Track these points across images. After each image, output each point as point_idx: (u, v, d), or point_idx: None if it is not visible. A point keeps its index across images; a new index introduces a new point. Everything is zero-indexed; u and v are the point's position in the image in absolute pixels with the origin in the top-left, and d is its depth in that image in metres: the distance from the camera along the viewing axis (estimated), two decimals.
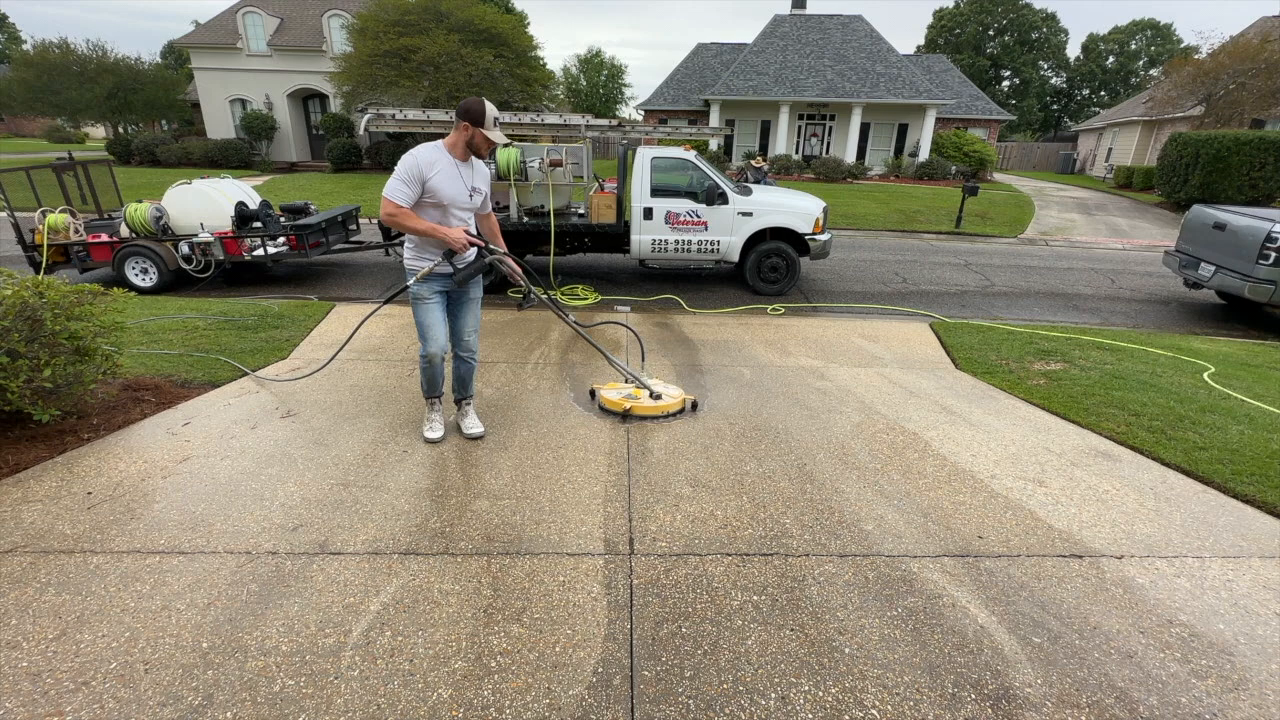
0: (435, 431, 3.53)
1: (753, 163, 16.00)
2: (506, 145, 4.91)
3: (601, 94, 53.33)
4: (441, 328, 3.36)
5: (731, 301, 7.54)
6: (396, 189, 3.07)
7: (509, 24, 21.51)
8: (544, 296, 3.79)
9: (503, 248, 3.52)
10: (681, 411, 3.97)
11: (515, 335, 5.58)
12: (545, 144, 8.23)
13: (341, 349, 4.41)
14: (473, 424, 3.64)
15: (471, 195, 3.28)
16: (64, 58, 24.08)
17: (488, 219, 3.57)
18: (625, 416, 3.83)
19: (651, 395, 3.96)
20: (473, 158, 3.29)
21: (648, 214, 7.60)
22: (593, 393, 4.16)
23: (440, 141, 3.18)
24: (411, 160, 3.08)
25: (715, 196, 7.54)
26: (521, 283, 3.55)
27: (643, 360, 4.57)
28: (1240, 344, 6.48)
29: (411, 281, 3.25)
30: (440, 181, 3.12)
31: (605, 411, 3.93)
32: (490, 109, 3.09)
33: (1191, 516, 2.98)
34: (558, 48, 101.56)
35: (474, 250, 3.30)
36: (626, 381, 4.19)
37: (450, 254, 3.20)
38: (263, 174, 21.32)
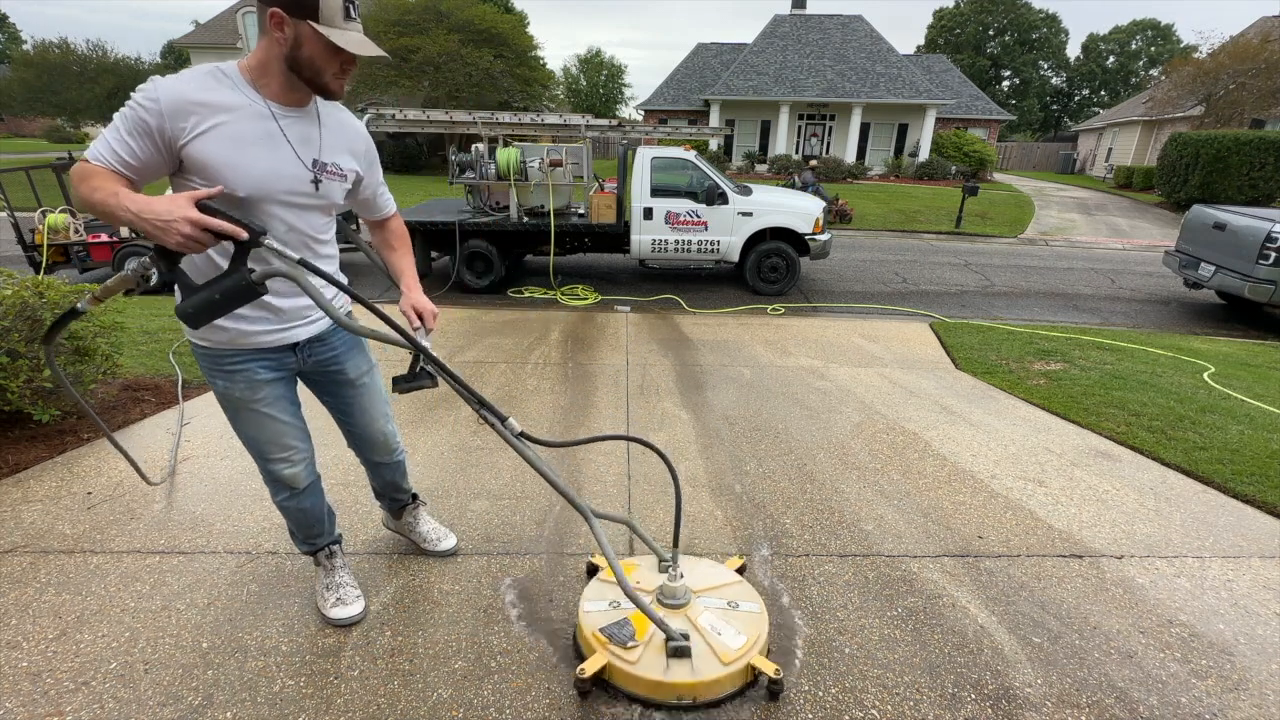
0: (348, 605, 2.11)
1: (808, 166, 15.85)
2: (378, 56, 1.59)
3: (601, 94, 53.36)
4: (293, 433, 1.90)
5: (731, 301, 7.54)
6: (101, 143, 1.55)
7: (509, 24, 21.53)
8: (443, 365, 1.77)
9: (412, 295, 2.01)
10: (742, 693, 1.84)
11: (515, 335, 5.58)
12: (545, 144, 8.24)
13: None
14: (438, 532, 2.50)
15: (317, 181, 1.68)
16: (64, 58, 24.14)
17: (383, 229, 2.12)
18: (577, 684, 1.81)
19: (671, 642, 1.82)
20: (317, 101, 1.68)
21: (648, 214, 7.61)
22: (591, 570, 2.34)
23: (231, 62, 1.59)
24: (146, 90, 1.49)
25: (715, 196, 7.55)
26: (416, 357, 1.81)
27: (676, 527, 2.11)
28: (1240, 344, 6.48)
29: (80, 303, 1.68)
30: (218, 148, 1.53)
31: (578, 652, 1.98)
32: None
33: (1191, 516, 2.98)
34: (558, 48, 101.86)
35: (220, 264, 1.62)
36: (660, 567, 2.10)
37: (167, 255, 1.56)
38: None
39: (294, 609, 2.19)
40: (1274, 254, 6.67)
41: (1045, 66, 53.23)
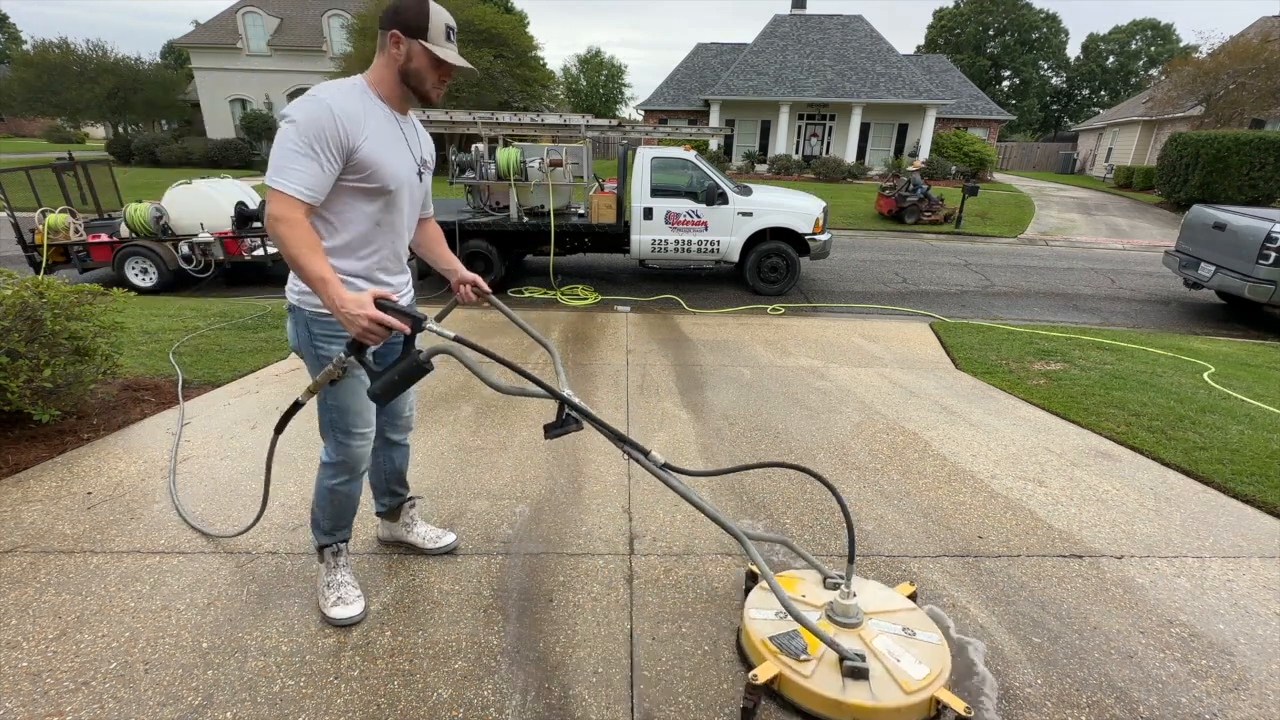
0: (349, 605, 2.13)
1: (911, 167, 15.73)
2: (466, 67, 1.88)
3: (601, 94, 53.37)
4: (373, 409, 2.07)
5: (731, 301, 7.54)
6: (287, 166, 1.66)
7: (509, 24, 21.53)
8: (585, 411, 1.89)
9: (461, 272, 2.19)
10: None
11: (515, 335, 5.58)
12: (545, 144, 8.24)
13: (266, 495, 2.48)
14: (435, 531, 2.53)
15: (420, 174, 1.98)
16: (64, 58, 24.13)
17: (427, 226, 2.23)
18: (746, 698, 1.74)
19: (844, 661, 1.74)
20: (411, 111, 1.97)
21: (648, 214, 7.61)
22: (750, 577, 2.27)
23: (358, 77, 1.83)
24: (317, 105, 1.67)
25: (715, 196, 7.55)
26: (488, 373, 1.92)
27: (850, 545, 1.93)
28: (1240, 344, 6.48)
29: (303, 394, 1.92)
30: (379, 148, 1.77)
31: (740, 656, 1.99)
32: (436, 9, 1.77)
33: (1191, 516, 2.98)
34: (558, 48, 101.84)
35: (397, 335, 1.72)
36: (826, 584, 2.09)
37: (357, 346, 1.73)
38: (263, 174, 21.31)
39: (294, 609, 2.19)
40: (1274, 254, 6.67)
41: (1045, 66, 53.24)
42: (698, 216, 7.61)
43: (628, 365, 4.91)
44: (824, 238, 7.83)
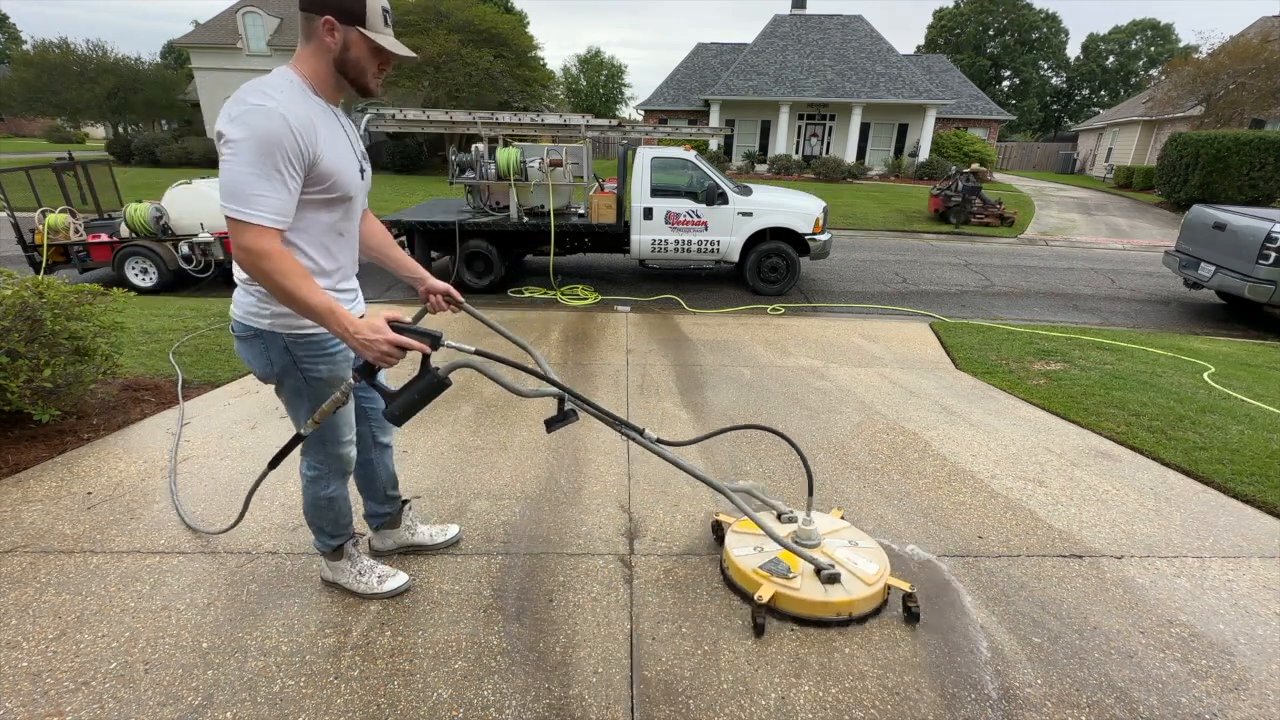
0: (395, 578, 2.27)
1: (969, 168, 15.56)
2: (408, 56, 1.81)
3: (601, 94, 53.37)
4: (354, 415, 2.06)
5: (731, 301, 7.54)
6: (253, 192, 1.49)
7: (509, 24, 21.54)
8: (591, 409, 2.21)
9: (429, 281, 2.10)
10: (878, 612, 2.21)
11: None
12: (545, 144, 8.24)
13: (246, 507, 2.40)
14: (438, 528, 2.57)
15: (363, 171, 1.84)
16: (64, 58, 24.13)
17: (372, 226, 2.08)
18: (755, 616, 2.12)
19: (819, 571, 2.17)
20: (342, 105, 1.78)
21: (648, 214, 7.61)
22: (717, 527, 2.64)
23: (288, 71, 1.64)
24: (269, 116, 1.49)
25: (715, 196, 7.55)
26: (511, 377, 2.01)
27: (810, 491, 2.33)
28: (1240, 344, 6.48)
29: (305, 426, 1.84)
30: (332, 153, 1.65)
31: (729, 586, 2.34)
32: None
33: (1191, 516, 2.98)
34: (558, 48, 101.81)
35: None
36: (780, 518, 2.47)
37: (370, 370, 1.73)
38: None
39: (294, 609, 2.19)
40: (1274, 254, 6.67)
41: (1045, 66, 53.25)
42: (698, 216, 7.61)
43: (628, 365, 4.91)
44: (824, 238, 7.83)
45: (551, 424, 1.96)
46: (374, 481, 2.33)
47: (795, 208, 7.78)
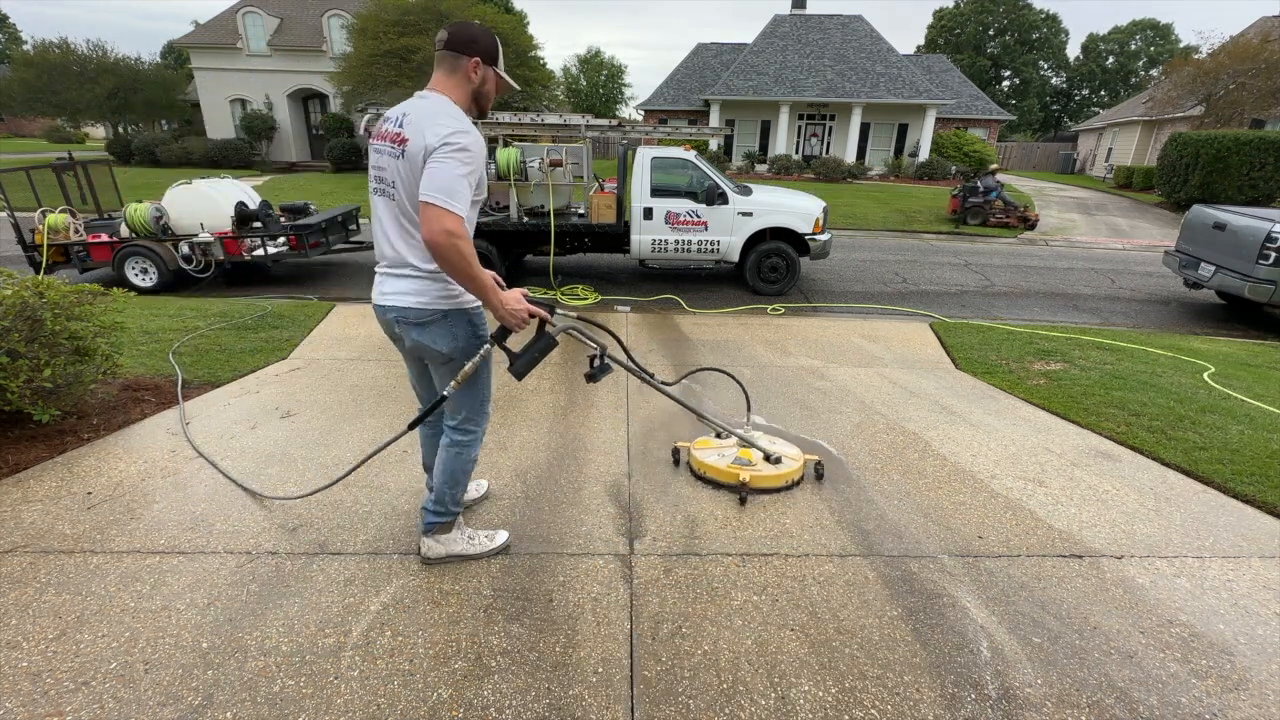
0: (500, 534, 2.56)
1: (989, 170, 15.28)
2: (516, 89, 2.44)
3: (601, 94, 53.34)
4: None
5: (731, 301, 7.54)
6: (461, 192, 1.85)
7: (509, 24, 21.51)
8: (625, 361, 2.65)
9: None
10: (804, 479, 3.13)
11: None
12: (545, 144, 8.24)
13: (351, 471, 2.73)
14: (472, 485, 2.89)
15: None
16: (64, 58, 24.11)
17: None
18: (741, 493, 2.95)
19: (768, 459, 3.08)
20: None
21: (648, 214, 7.60)
22: (676, 452, 3.32)
23: (447, 99, 1.99)
24: (471, 138, 1.87)
25: (715, 196, 7.54)
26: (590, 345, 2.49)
27: (748, 411, 3.51)
28: (1240, 344, 6.48)
29: (461, 376, 2.15)
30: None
31: (703, 481, 3.10)
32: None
33: (1191, 516, 2.98)
34: (558, 48, 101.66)
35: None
36: (719, 436, 3.30)
37: (504, 334, 2.12)
38: (263, 174, 21.32)
39: (294, 609, 2.19)
40: (1274, 254, 6.67)
41: (1045, 66, 53.21)
42: (698, 216, 7.61)
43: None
44: (824, 238, 7.83)
45: (592, 378, 2.43)
46: (434, 455, 2.50)
47: (795, 208, 7.78)
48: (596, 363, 2.41)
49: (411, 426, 2.35)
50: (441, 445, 2.31)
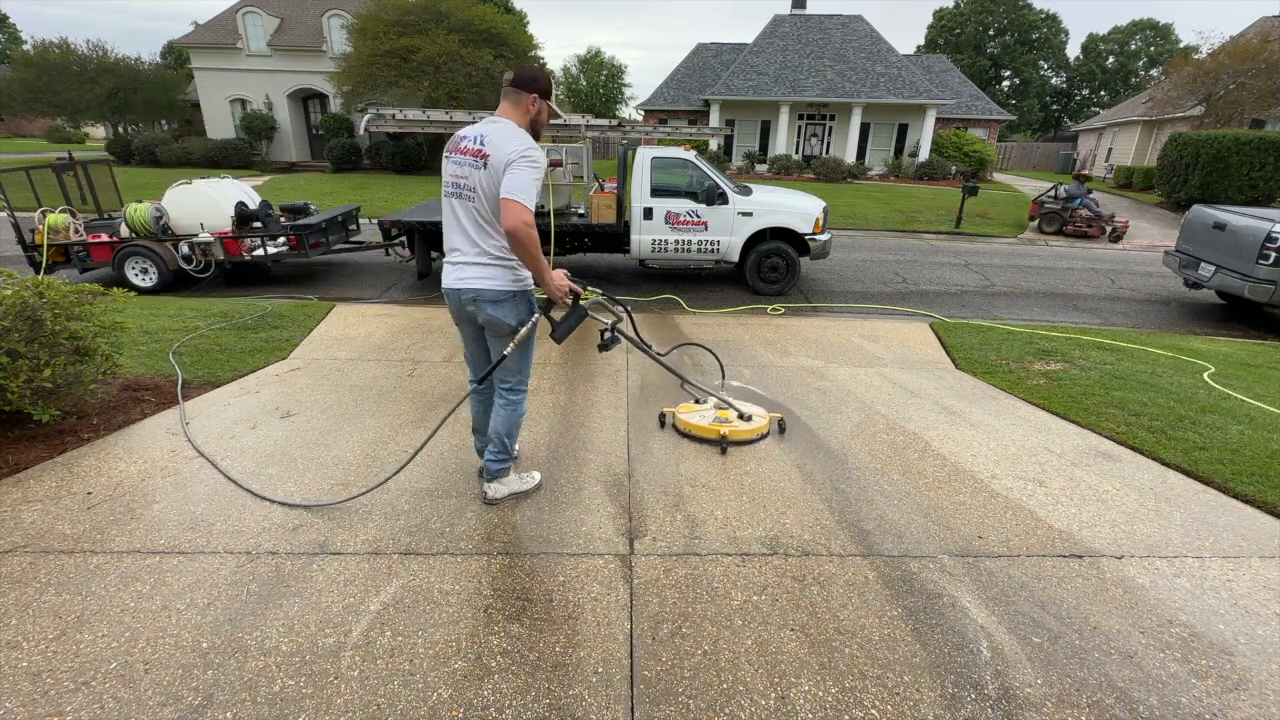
0: (536, 474, 3.08)
1: (1075, 176, 14.49)
2: (561, 119, 3.43)
3: (601, 94, 53.32)
4: None
5: (731, 301, 7.54)
6: (532, 192, 2.36)
7: (509, 24, 21.51)
8: (631, 334, 3.19)
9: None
10: (768, 435, 3.68)
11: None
12: (545, 144, 8.24)
13: (415, 455, 2.99)
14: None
15: None
16: (64, 58, 24.09)
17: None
18: (722, 444, 3.48)
19: (741, 417, 3.63)
20: None
21: (648, 214, 7.60)
22: (662, 416, 3.82)
23: (513, 123, 2.51)
24: (537, 153, 2.42)
25: (715, 196, 7.54)
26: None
27: (722, 377, 4.22)
28: (1240, 344, 6.48)
29: (519, 337, 2.64)
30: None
31: (687, 437, 3.59)
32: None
33: (1191, 516, 2.98)
34: (558, 48, 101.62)
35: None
36: (697, 402, 3.84)
37: (549, 306, 2.66)
38: (263, 174, 21.32)
39: (294, 609, 2.19)
40: (1274, 254, 6.67)
41: (1045, 66, 53.20)
42: (698, 216, 7.61)
43: (628, 366, 4.91)
44: (824, 238, 7.83)
45: (603, 348, 2.91)
46: (485, 415, 2.96)
47: (795, 208, 7.78)
48: (607, 335, 2.90)
49: (480, 382, 2.80)
50: (497, 405, 2.79)
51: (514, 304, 2.61)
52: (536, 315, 2.64)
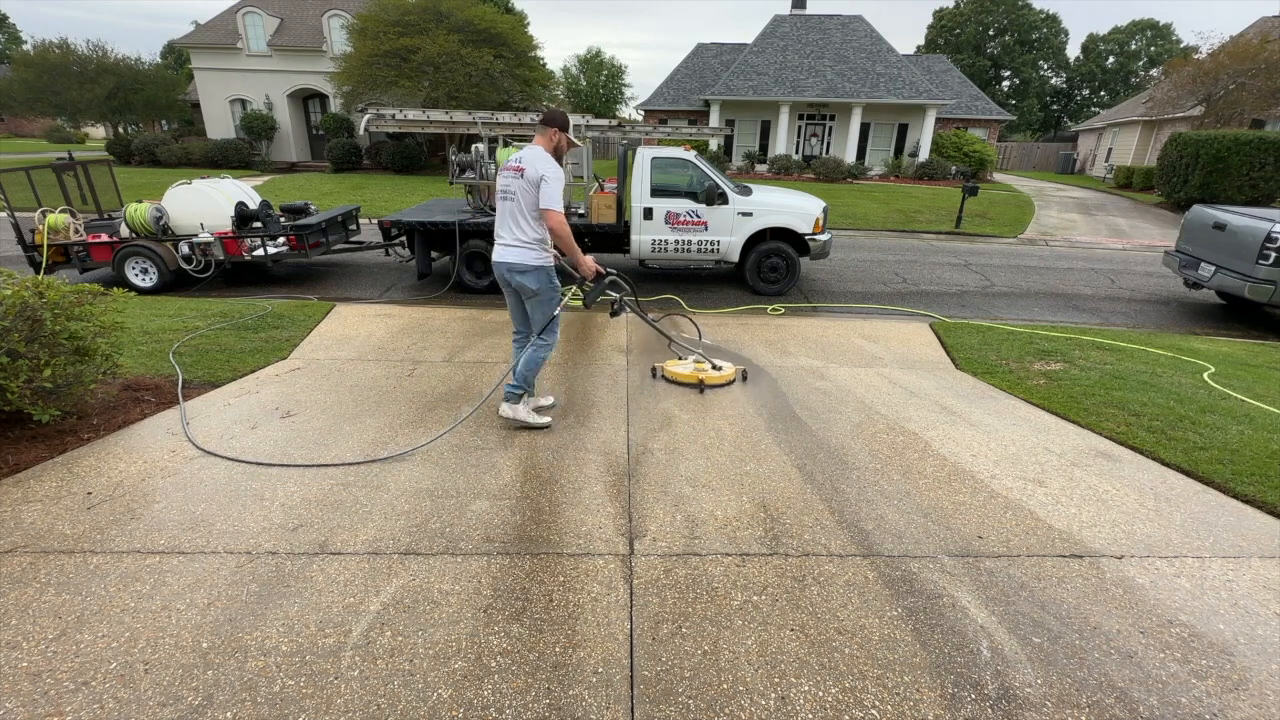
0: (545, 417, 3.81)
1: None
2: (579, 146, 4.68)
3: (601, 94, 53.31)
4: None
5: (731, 301, 7.54)
6: (561, 199, 3.29)
7: (509, 24, 21.50)
8: (634, 305, 4.35)
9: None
10: (734, 381, 4.60)
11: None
12: None
13: (473, 411, 3.84)
14: (541, 400, 4.05)
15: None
16: (64, 58, 24.07)
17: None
18: (701, 387, 4.42)
19: (714, 368, 4.56)
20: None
21: (648, 214, 7.60)
22: (654, 370, 4.75)
23: (542, 149, 3.40)
24: (557, 171, 3.31)
25: (715, 196, 7.53)
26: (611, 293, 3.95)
27: (699, 337, 5.49)
28: (1240, 344, 6.48)
29: (559, 309, 3.58)
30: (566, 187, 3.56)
31: (672, 383, 4.50)
32: (570, 116, 3.46)
33: (1191, 516, 2.98)
34: (558, 48, 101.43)
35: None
36: (681, 360, 4.76)
37: (581, 280, 3.64)
38: (263, 174, 21.32)
39: (294, 609, 2.19)
40: (1274, 254, 6.66)
41: (1045, 66, 53.18)
42: (698, 216, 7.60)
43: (628, 365, 4.91)
44: (824, 238, 7.82)
45: (605, 307, 4.07)
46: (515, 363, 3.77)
47: (795, 208, 7.78)
48: (615, 306, 4.09)
49: (522, 334, 3.83)
50: (528, 348, 3.64)
51: (536, 274, 3.47)
52: (576, 287, 3.74)
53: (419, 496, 2.94)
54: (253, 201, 8.00)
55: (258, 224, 7.70)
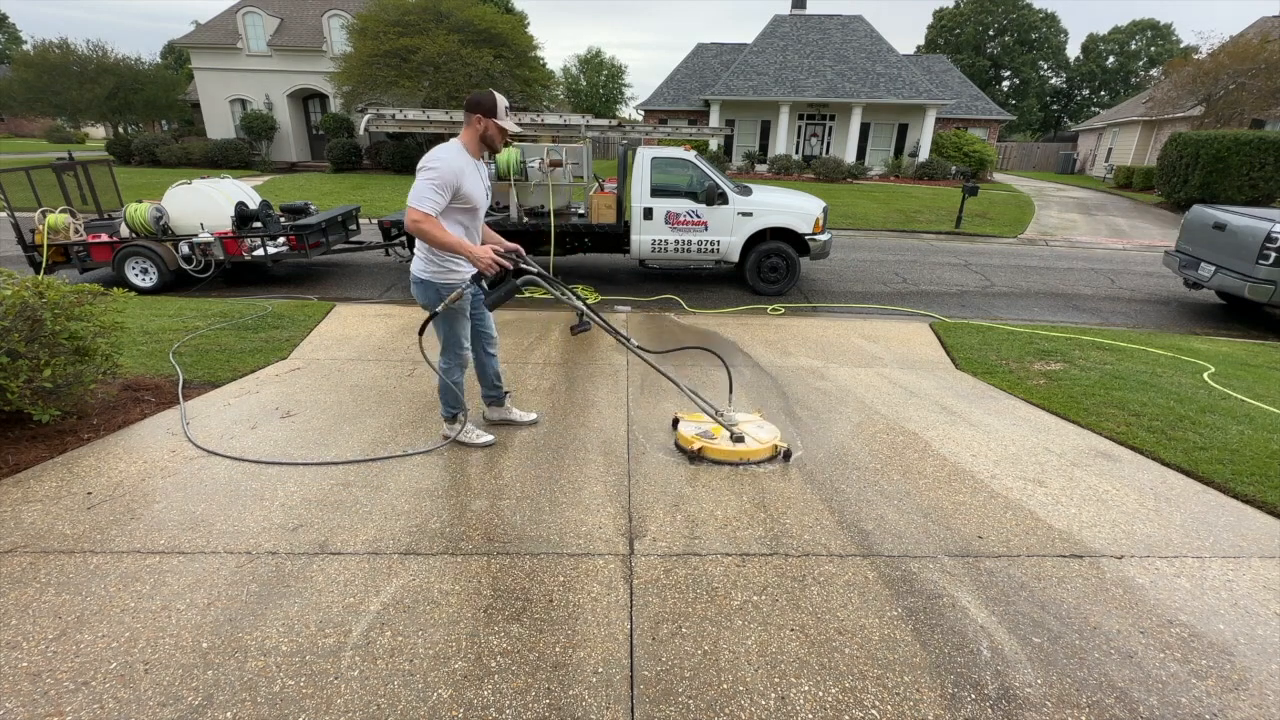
0: (486, 435, 3.48)
1: None
2: (518, 133, 3.50)
3: (601, 94, 53.33)
4: (466, 333, 3.25)
5: (731, 301, 7.54)
6: (426, 196, 2.80)
7: (509, 24, 21.50)
8: (600, 321, 3.40)
9: (503, 243, 3.22)
10: (772, 460, 3.37)
11: (516, 335, 5.58)
12: (545, 144, 8.24)
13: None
14: (522, 412, 3.81)
15: (487, 194, 3.16)
16: (64, 58, 24.08)
17: (484, 225, 3.45)
18: (693, 458, 3.34)
19: (733, 437, 3.37)
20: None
21: (648, 214, 7.60)
22: (676, 420, 3.75)
23: (454, 142, 2.99)
24: (443, 165, 2.84)
25: (715, 196, 7.54)
26: (561, 295, 3.26)
27: (730, 392, 3.72)
28: (1240, 344, 6.48)
29: (440, 307, 3.01)
30: (471, 185, 2.94)
31: (676, 449, 3.49)
32: (500, 98, 2.92)
33: (1191, 516, 2.98)
34: (558, 48, 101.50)
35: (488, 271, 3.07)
36: (718, 416, 3.49)
37: (480, 276, 2.96)
38: (263, 174, 21.32)
39: (294, 609, 2.19)
40: (1274, 254, 6.66)
41: (1045, 66, 53.20)
42: (698, 216, 7.61)
43: (628, 365, 4.91)
44: (824, 238, 7.83)
45: (575, 330, 3.21)
46: (485, 374, 3.58)
47: (795, 208, 7.78)
48: (580, 320, 3.26)
49: (419, 332, 3.20)
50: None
51: (422, 288, 3.13)
52: (463, 287, 2.99)
53: (419, 496, 2.93)
54: (253, 201, 8.00)
55: (258, 224, 7.70)
